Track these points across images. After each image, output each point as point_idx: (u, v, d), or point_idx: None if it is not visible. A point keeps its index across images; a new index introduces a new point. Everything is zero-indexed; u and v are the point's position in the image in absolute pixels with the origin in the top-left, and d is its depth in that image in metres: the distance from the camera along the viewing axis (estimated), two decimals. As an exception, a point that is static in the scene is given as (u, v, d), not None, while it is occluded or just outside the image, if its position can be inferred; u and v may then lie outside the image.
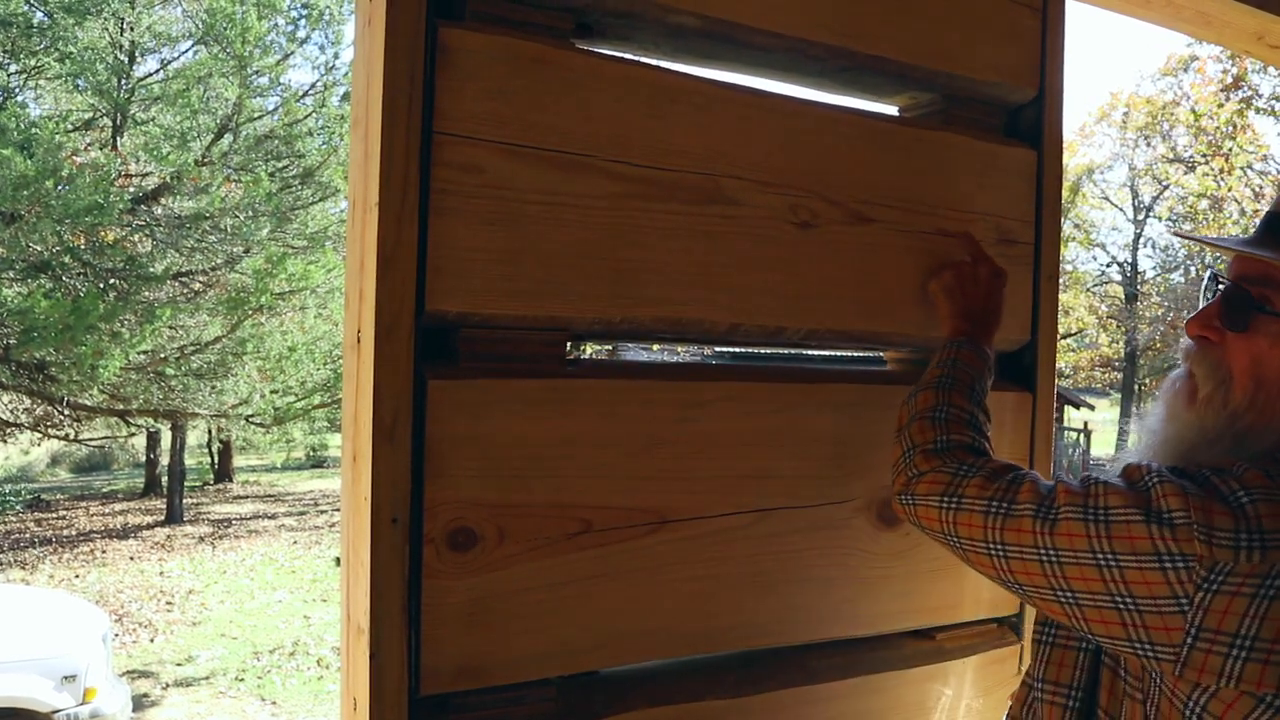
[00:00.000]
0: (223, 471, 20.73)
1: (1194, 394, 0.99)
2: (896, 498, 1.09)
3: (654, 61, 1.21)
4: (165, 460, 17.35)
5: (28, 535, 13.76)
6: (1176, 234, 1.23)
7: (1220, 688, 0.81)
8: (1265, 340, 0.94)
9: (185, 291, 11.23)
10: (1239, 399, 0.95)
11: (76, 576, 11.30)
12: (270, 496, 18.88)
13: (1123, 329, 27.83)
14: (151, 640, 9.13)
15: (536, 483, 1.09)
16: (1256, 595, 0.80)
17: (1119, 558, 0.85)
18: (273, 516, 15.95)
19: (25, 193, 8.35)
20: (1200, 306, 1.04)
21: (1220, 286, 1.01)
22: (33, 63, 9.93)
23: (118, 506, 17.04)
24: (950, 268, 1.32)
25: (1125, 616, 0.86)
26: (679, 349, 14.86)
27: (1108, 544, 0.86)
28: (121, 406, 11.04)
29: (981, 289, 1.29)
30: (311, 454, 24.85)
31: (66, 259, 9.50)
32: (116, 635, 8.60)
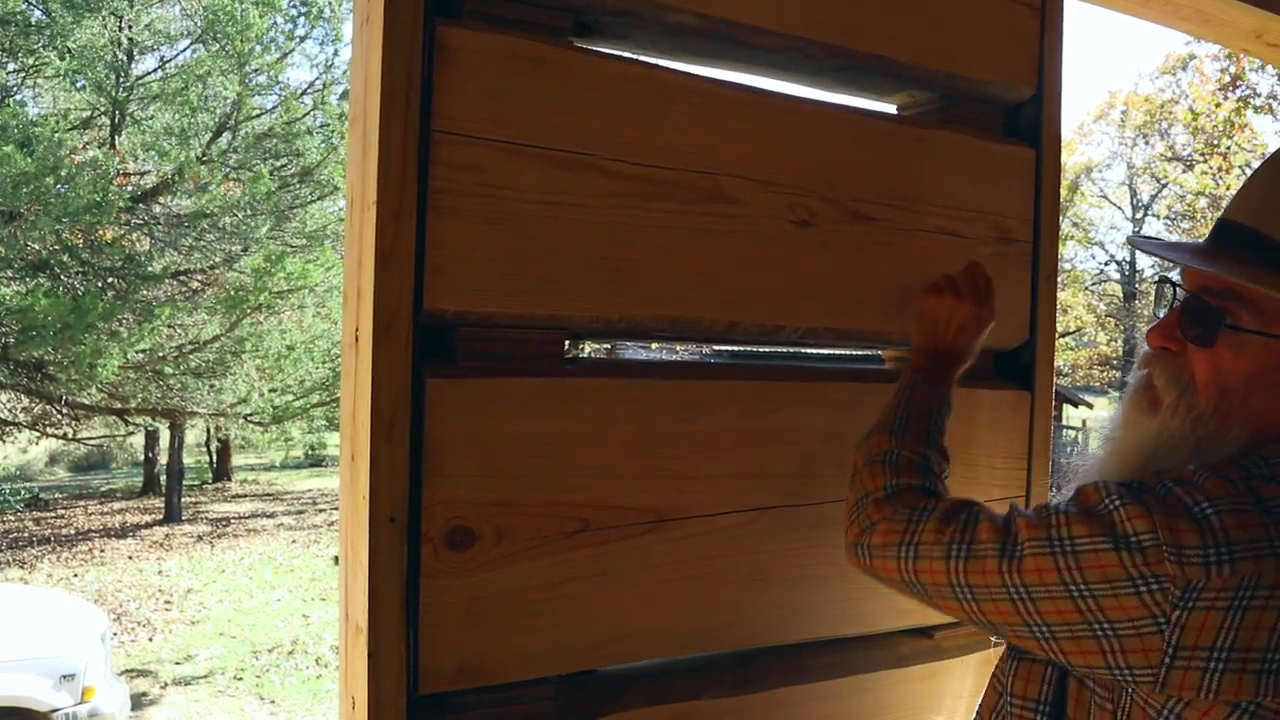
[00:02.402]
0: (221, 470, 20.72)
1: (1156, 402, 0.99)
2: (851, 549, 1.05)
3: (653, 60, 1.21)
4: (164, 459, 17.35)
5: (26, 534, 13.75)
6: (1131, 241, 1.19)
7: (1197, 698, 0.82)
8: (1228, 351, 0.94)
9: (184, 290, 11.23)
10: (1203, 405, 0.95)
11: (75, 575, 11.29)
12: (269, 495, 18.88)
13: (1121, 327, 27.86)
14: (150, 639, 9.14)
15: (534, 482, 1.09)
16: (1230, 608, 0.80)
17: (1092, 587, 0.85)
18: (271, 515, 15.94)
19: (25, 191, 8.35)
20: (1155, 311, 1.04)
21: (1177, 292, 1.00)
22: (31, 61, 9.92)
23: (116, 505, 17.03)
24: (932, 296, 1.26)
25: (1104, 644, 0.85)
26: (677, 347, 14.87)
27: (1079, 575, 0.85)
28: (120, 405, 11.04)
29: (954, 325, 1.24)
30: (310, 453, 24.85)
31: (65, 258, 9.50)
32: (115, 634, 8.59)
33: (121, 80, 10.58)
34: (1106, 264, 29.70)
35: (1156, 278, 1.05)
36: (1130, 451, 1.00)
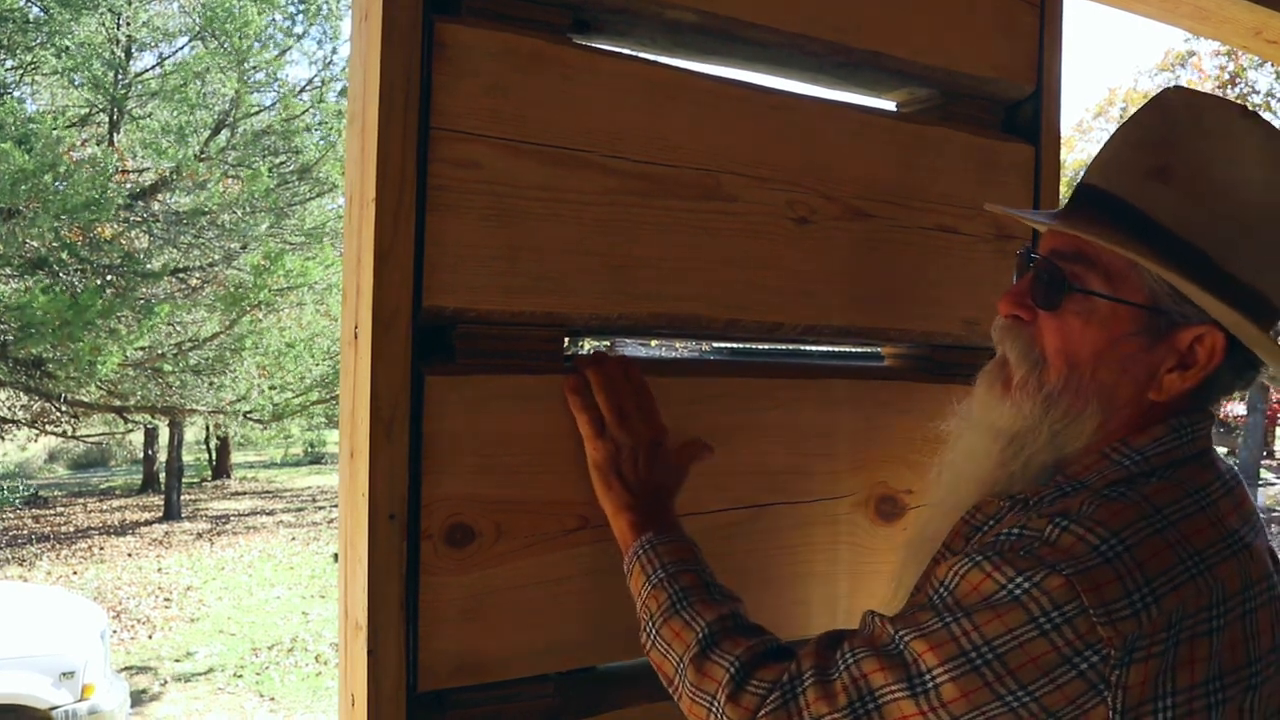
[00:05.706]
0: (221, 468, 20.73)
1: (1009, 380, 0.95)
2: None
3: (651, 57, 1.21)
4: (163, 456, 17.36)
5: (25, 532, 13.76)
6: (988, 209, 1.13)
7: None
8: (1077, 320, 0.90)
9: (183, 288, 11.23)
10: (1053, 381, 0.91)
11: (74, 573, 11.30)
12: (268, 493, 18.88)
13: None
14: (150, 637, 9.14)
15: (534, 479, 1.09)
16: (1165, 652, 0.77)
17: (1030, 688, 0.77)
18: (271, 513, 15.95)
19: (24, 188, 8.34)
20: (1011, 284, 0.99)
21: (1032, 260, 0.96)
22: (29, 58, 9.91)
23: (115, 503, 17.03)
24: (600, 448, 1.08)
25: None
26: (677, 344, 14.87)
27: (1013, 681, 0.77)
28: (119, 403, 11.04)
29: (641, 465, 1.09)
30: (309, 450, 24.85)
31: (64, 255, 9.50)
32: (115, 632, 8.60)
33: (120, 77, 10.57)
34: (1106, 261, 29.72)
35: (1023, 251, 0.99)
36: (986, 439, 0.96)
